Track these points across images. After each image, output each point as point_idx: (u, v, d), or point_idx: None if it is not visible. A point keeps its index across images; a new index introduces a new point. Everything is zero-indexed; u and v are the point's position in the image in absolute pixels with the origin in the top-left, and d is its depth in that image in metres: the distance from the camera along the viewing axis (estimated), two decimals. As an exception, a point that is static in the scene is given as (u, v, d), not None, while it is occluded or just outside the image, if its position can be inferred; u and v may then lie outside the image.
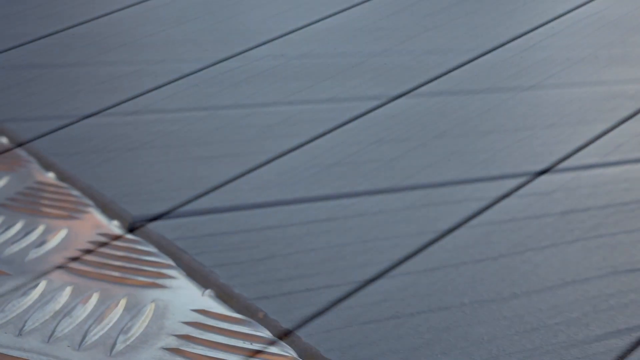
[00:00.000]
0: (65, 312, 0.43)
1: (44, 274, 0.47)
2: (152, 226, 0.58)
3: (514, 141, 0.86)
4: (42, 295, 0.45)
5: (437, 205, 0.66)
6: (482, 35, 1.76)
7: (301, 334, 0.45)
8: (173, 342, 0.41)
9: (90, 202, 0.62)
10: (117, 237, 0.54)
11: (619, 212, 0.65)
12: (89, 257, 0.51)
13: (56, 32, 1.51)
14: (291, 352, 0.42)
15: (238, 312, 0.47)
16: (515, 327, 0.46)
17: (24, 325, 0.41)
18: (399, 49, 1.55)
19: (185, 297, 0.47)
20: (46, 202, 0.59)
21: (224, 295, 0.49)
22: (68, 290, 0.46)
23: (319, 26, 1.76)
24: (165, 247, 0.55)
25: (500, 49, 1.58)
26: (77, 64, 1.16)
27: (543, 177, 0.73)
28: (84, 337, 0.41)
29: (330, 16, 1.94)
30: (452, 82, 1.21)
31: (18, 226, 0.54)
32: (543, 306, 0.49)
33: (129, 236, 0.55)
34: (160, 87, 1.05)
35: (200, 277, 0.51)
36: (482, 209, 0.65)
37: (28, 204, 0.58)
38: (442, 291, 0.50)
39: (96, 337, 0.41)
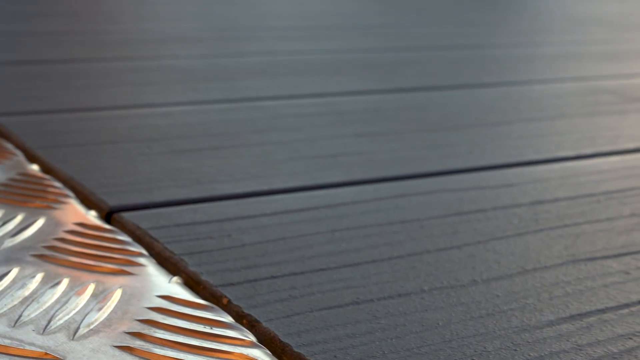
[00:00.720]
0: (34, 297, 0.44)
1: (17, 261, 0.48)
2: (128, 216, 0.59)
3: (492, 135, 0.86)
4: (13, 281, 0.46)
5: (408, 196, 0.66)
6: (471, 33, 1.77)
7: (262, 319, 0.45)
8: (136, 327, 0.42)
9: (70, 193, 0.62)
10: (92, 227, 0.55)
11: (586, 203, 0.66)
12: (63, 246, 0.51)
13: (52, 29, 1.51)
14: (250, 337, 0.43)
15: (204, 298, 0.47)
16: (471, 312, 0.47)
17: (-7, 311, 0.41)
18: (387, 46, 1.55)
19: (152, 284, 0.47)
20: (27, 193, 0.60)
21: (191, 283, 0.50)
22: (39, 277, 0.46)
23: (311, 25, 1.77)
24: (138, 236, 0.56)
25: (488, 46, 1.58)
26: (70, 60, 1.16)
27: (515, 170, 0.74)
28: (49, 321, 0.41)
29: (322, 15, 1.94)
30: (437, 78, 1.22)
31: (-2, 216, 0.54)
32: (500, 293, 0.50)
33: (105, 226, 0.56)
34: (151, 82, 1.06)
35: (170, 265, 0.52)
36: (452, 200, 0.66)
37: (9, 194, 0.59)
38: (403, 279, 0.51)
39: (61, 321, 0.42)
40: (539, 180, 0.74)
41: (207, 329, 0.43)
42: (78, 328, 0.42)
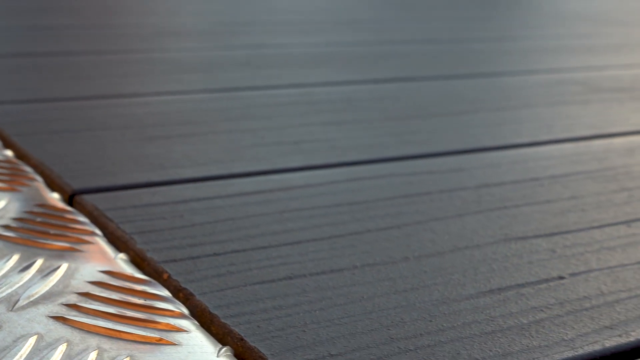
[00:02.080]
0: (-17, 273, 0.45)
1: (-27, 239, 0.49)
2: (89, 198, 0.60)
3: (454, 123, 0.87)
4: (-34, 258, 0.47)
5: (360, 180, 0.67)
6: (457, 28, 1.77)
7: (196, 292, 0.46)
8: (73, 299, 0.43)
9: (38, 177, 0.63)
10: (51, 208, 0.56)
11: (530, 187, 0.67)
12: (19, 225, 0.52)
13: (52, 24, 1.52)
14: (182, 309, 0.44)
15: (146, 274, 0.49)
16: (396, 287, 0.48)
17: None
18: (372, 39, 1.56)
19: (97, 260, 0.48)
20: (-4, 176, 0.61)
21: (137, 259, 0.51)
22: (-9, 254, 0.47)
23: (301, 19, 1.78)
24: (95, 217, 0.57)
25: (470, 40, 1.59)
26: (64, 53, 1.17)
27: (469, 155, 0.75)
28: (-8, 294, 0.42)
29: (314, 10, 1.95)
30: (413, 70, 1.22)
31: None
32: (428, 269, 0.51)
33: (63, 206, 0.57)
34: (137, 74, 1.07)
35: (120, 243, 0.53)
36: (402, 183, 0.67)
37: (-23, 178, 0.60)
38: (339, 256, 0.52)
39: (3, 294, 0.43)
40: (489, 165, 0.75)
41: (141, 301, 0.44)
42: (18, 300, 0.43)
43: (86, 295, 0.45)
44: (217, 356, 0.40)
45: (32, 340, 0.40)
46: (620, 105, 1.03)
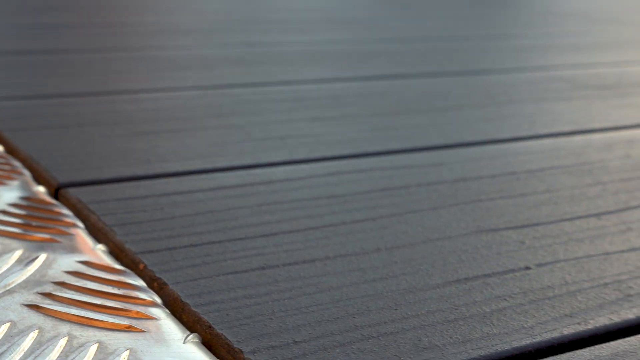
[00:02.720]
0: (-37, 263, 0.45)
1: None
2: (73, 191, 0.61)
3: (438, 119, 0.88)
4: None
5: (340, 174, 0.68)
6: (450, 26, 1.77)
7: (170, 282, 0.47)
8: (48, 288, 0.44)
9: (26, 171, 0.64)
10: (35, 200, 0.56)
11: (506, 181, 0.67)
12: (2, 218, 0.53)
13: (53, 22, 1.53)
14: (154, 297, 0.44)
15: (123, 264, 0.49)
16: (365, 276, 0.48)
17: None
18: (365, 38, 1.56)
19: (76, 251, 0.49)
20: (-16, 170, 0.62)
21: (116, 250, 0.51)
22: (-29, 245, 0.48)
23: (298, 18, 1.78)
24: (78, 209, 0.58)
25: (461, 38, 1.59)
26: (61, 50, 1.18)
27: (450, 150, 0.75)
28: (-30, 284, 0.43)
29: (311, 9, 1.96)
30: (402, 67, 1.23)
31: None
32: (399, 259, 0.51)
33: (48, 199, 0.57)
34: (130, 71, 1.07)
35: (100, 234, 0.53)
36: (381, 177, 0.67)
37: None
38: (313, 247, 0.52)
39: (-19, 283, 0.44)
40: (469, 160, 0.75)
41: (115, 290, 0.45)
42: (-5, 288, 0.44)
43: (61, 284, 0.46)
44: (184, 343, 0.41)
45: (4, 327, 0.41)
46: (603, 102, 1.04)
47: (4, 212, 0.55)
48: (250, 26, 1.66)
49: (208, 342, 0.42)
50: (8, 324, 0.40)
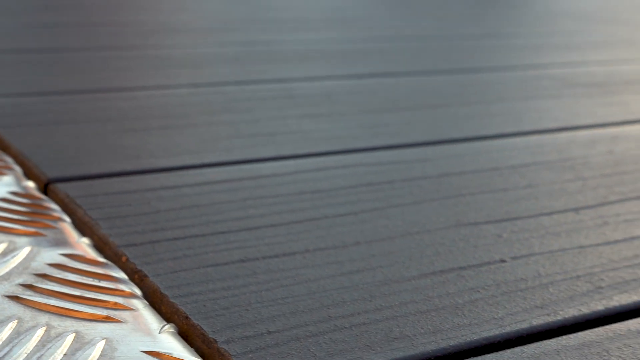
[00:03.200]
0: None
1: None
2: (62, 186, 0.61)
3: (426, 116, 0.88)
4: None
5: (327, 170, 0.68)
6: (446, 25, 1.78)
7: (150, 274, 0.47)
8: (30, 279, 0.44)
9: (17, 167, 0.64)
10: (23, 195, 0.57)
11: (488, 176, 0.67)
12: (-10, 211, 0.53)
13: (57, 21, 1.53)
14: (134, 289, 0.45)
15: (107, 257, 0.49)
16: (342, 269, 0.49)
17: None
18: (360, 36, 1.57)
19: (60, 244, 0.49)
20: (-24, 166, 0.62)
21: (100, 243, 0.52)
22: (-41, 238, 0.48)
23: (296, 17, 1.79)
24: (66, 204, 0.58)
25: (456, 37, 1.60)
26: (61, 49, 1.18)
27: (435, 147, 0.75)
28: (-45, 276, 0.43)
29: (310, 9, 1.96)
30: (394, 65, 1.23)
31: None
32: (377, 252, 0.52)
33: (36, 194, 0.58)
34: (128, 69, 1.07)
35: (86, 228, 0.54)
36: (367, 173, 0.68)
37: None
38: (294, 240, 0.53)
39: (-36, 275, 0.44)
40: (454, 156, 0.76)
41: (96, 282, 0.45)
42: (-23, 280, 0.44)
43: (43, 276, 0.46)
44: (159, 333, 0.41)
45: (-16, 318, 0.41)
46: (590, 99, 1.04)
47: (-8, 206, 0.55)
48: (249, 25, 1.67)
49: (185, 333, 0.43)
50: (-12, 315, 0.41)
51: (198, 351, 0.41)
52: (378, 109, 0.94)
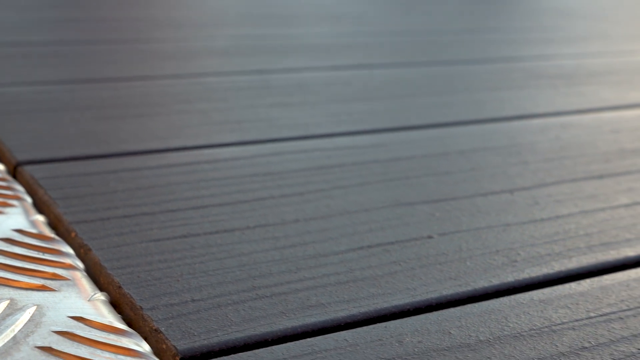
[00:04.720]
0: None
1: None
2: (29, 168, 0.62)
3: (392, 105, 0.89)
4: None
5: (283, 154, 0.69)
6: (434, 21, 1.78)
7: (94, 248, 0.48)
8: (-23, 252, 0.45)
9: (-9, 151, 0.65)
10: (-11, 177, 0.58)
11: (435, 161, 0.68)
12: (-45, 191, 0.54)
13: (60, 16, 1.55)
14: (77, 262, 0.46)
15: (58, 234, 0.51)
16: (276, 244, 0.50)
17: None
18: (347, 31, 1.57)
19: (15, 220, 0.50)
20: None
21: (55, 221, 0.53)
22: None
23: (288, 13, 1.79)
24: (30, 185, 0.59)
25: (440, 32, 1.60)
26: (57, 42, 1.19)
27: (391, 134, 0.76)
28: None
29: (304, 4, 1.96)
30: (372, 58, 1.24)
31: None
32: (312, 229, 0.53)
33: (3, 176, 0.59)
34: (117, 61, 1.08)
35: (45, 206, 0.55)
36: (321, 157, 0.69)
37: None
38: (237, 218, 0.54)
39: None
40: (408, 142, 0.77)
41: (40, 255, 0.46)
42: None
43: (-10, 249, 0.47)
44: (88, 300, 0.42)
45: None
46: (554, 90, 1.05)
47: (-43, 186, 0.57)
48: (241, 20, 1.67)
49: (117, 301, 0.44)
50: None
51: (125, 318, 0.43)
52: (348, 98, 0.95)
